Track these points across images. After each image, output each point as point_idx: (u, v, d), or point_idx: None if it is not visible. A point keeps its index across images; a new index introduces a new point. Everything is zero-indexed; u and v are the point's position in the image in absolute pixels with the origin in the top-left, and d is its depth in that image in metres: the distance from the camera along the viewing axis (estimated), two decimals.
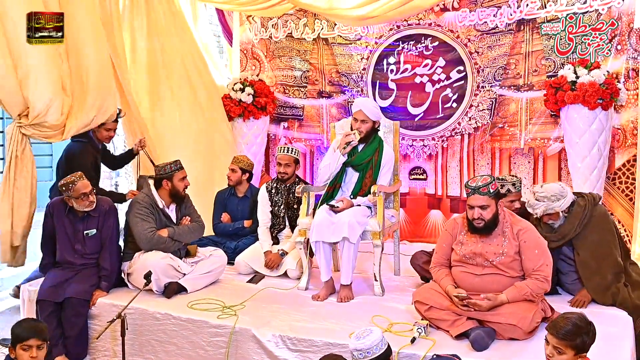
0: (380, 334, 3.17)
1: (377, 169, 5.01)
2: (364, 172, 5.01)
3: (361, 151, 5.03)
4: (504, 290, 3.90)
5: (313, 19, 7.15)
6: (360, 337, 3.12)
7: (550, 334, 3.02)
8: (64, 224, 4.82)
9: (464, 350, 3.70)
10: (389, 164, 5.08)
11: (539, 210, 4.47)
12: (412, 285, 5.03)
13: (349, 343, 3.15)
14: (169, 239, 4.96)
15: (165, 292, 4.81)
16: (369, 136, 5.02)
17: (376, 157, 5.01)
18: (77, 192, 4.67)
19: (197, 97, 7.08)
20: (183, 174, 5.06)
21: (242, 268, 5.53)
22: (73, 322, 4.60)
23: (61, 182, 4.72)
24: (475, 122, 6.54)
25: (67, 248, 4.82)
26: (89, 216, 4.84)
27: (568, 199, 4.46)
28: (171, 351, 4.46)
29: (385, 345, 3.14)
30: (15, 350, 3.38)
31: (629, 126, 5.70)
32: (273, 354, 4.08)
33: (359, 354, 3.09)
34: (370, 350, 3.07)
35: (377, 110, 5.10)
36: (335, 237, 4.75)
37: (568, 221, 4.51)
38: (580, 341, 2.97)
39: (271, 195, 5.72)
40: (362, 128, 4.98)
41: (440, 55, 6.61)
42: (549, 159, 6.18)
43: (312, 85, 7.33)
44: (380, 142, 5.07)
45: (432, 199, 6.88)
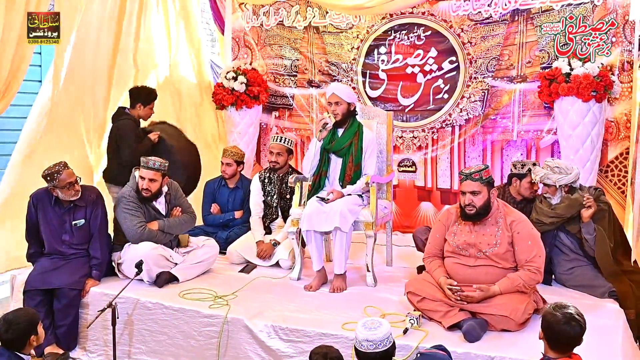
0: (389, 326, 3.10)
1: (359, 154, 4.96)
2: (346, 157, 4.97)
3: (341, 136, 5.00)
4: (497, 282, 3.90)
5: (305, 7, 7.11)
6: (370, 328, 3.03)
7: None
8: (50, 215, 4.76)
9: (457, 341, 3.70)
10: (371, 147, 5.02)
11: (538, 175, 4.67)
12: (404, 276, 5.04)
13: (357, 332, 3.06)
14: (160, 232, 4.93)
15: (157, 282, 4.78)
16: (345, 119, 4.99)
17: (356, 140, 4.96)
18: (62, 182, 4.62)
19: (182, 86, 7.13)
20: (147, 175, 4.90)
21: (234, 258, 5.51)
22: (65, 312, 4.57)
23: (45, 172, 4.63)
24: (467, 114, 6.51)
25: (54, 239, 4.77)
26: (75, 206, 4.79)
27: (568, 179, 4.59)
28: (162, 341, 4.44)
29: (392, 340, 3.08)
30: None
31: (623, 119, 5.71)
32: (265, 344, 4.07)
33: (369, 345, 3.00)
34: (381, 342, 2.99)
35: (351, 92, 5.07)
36: (327, 227, 4.73)
37: (567, 204, 4.60)
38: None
39: (264, 185, 5.70)
40: (338, 110, 4.94)
41: (433, 46, 6.58)
42: (542, 151, 6.17)
43: (302, 74, 7.29)
44: (359, 126, 5.02)
45: (422, 191, 6.85)
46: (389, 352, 3.04)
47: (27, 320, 3.37)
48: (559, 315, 2.96)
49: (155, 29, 6.95)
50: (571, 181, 4.63)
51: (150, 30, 6.90)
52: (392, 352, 3.07)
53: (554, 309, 3.00)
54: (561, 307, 3.01)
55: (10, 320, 3.34)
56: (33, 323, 3.37)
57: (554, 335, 2.97)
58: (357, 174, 4.95)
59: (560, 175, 4.60)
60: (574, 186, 4.69)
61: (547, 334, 3.01)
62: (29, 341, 3.33)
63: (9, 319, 3.35)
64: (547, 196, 4.74)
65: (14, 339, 3.30)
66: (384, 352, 3.01)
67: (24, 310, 3.58)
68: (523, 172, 4.97)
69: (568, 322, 2.93)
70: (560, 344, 2.98)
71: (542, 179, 4.68)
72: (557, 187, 4.65)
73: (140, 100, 5.96)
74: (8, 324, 3.31)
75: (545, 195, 4.78)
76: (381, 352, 3.01)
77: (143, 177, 4.90)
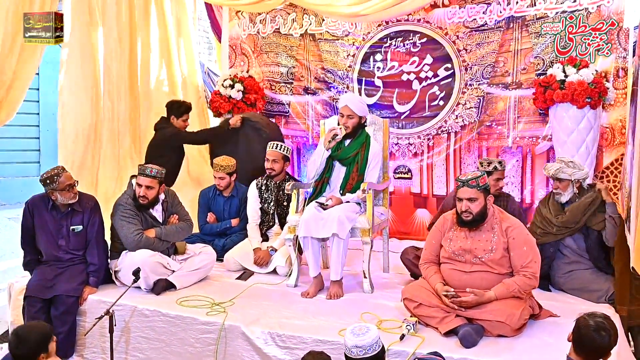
0: (377, 331, 3.16)
1: (364, 164, 5.01)
2: (351, 166, 5.02)
3: (348, 146, 5.05)
4: (492, 287, 3.92)
5: (302, 14, 7.14)
6: (358, 334, 3.09)
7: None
8: (47, 220, 4.77)
9: (453, 347, 3.71)
10: (376, 159, 5.08)
11: (552, 169, 4.73)
12: (401, 283, 5.03)
13: (346, 339, 3.11)
14: (157, 239, 4.94)
15: (154, 289, 4.78)
16: (355, 131, 5.04)
17: (363, 151, 5.02)
18: (62, 184, 4.64)
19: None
20: (144, 182, 4.91)
21: (231, 265, 5.52)
22: (63, 320, 4.57)
23: (44, 176, 4.67)
24: (463, 121, 6.53)
25: (50, 244, 4.77)
26: (73, 211, 4.81)
27: (581, 174, 4.67)
28: (160, 348, 4.44)
29: (381, 344, 3.14)
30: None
31: (617, 125, 5.73)
32: (262, 351, 4.07)
33: (359, 351, 3.05)
34: (370, 347, 3.05)
35: (364, 106, 5.11)
36: (325, 233, 4.75)
37: (577, 207, 4.64)
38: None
39: (261, 192, 5.71)
40: (349, 123, 4.99)
41: (428, 53, 6.61)
42: (537, 157, 6.19)
43: (297, 81, 7.32)
44: (367, 137, 5.08)
45: (418, 198, 6.86)
46: (378, 356, 3.09)
47: (38, 336, 3.37)
48: (591, 322, 3.01)
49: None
50: (583, 177, 4.69)
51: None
52: (382, 356, 3.12)
53: (589, 315, 3.06)
54: (596, 315, 3.06)
55: (21, 336, 3.36)
56: (44, 340, 3.37)
57: (582, 339, 3.02)
58: (359, 183, 4.99)
59: (575, 169, 4.66)
60: (584, 185, 4.74)
61: (576, 337, 3.05)
62: (39, 358, 3.33)
63: (19, 334, 3.37)
64: (558, 192, 4.76)
65: (23, 355, 3.30)
66: (374, 357, 3.06)
67: (36, 326, 3.55)
68: (489, 170, 4.98)
69: (597, 331, 2.98)
70: (585, 349, 3.02)
71: (556, 172, 4.71)
72: (571, 181, 4.69)
73: (172, 112, 6.45)
74: (18, 340, 3.33)
75: (555, 192, 4.80)
76: (371, 357, 3.06)
77: (140, 185, 4.91)
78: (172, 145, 6.38)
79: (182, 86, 7.30)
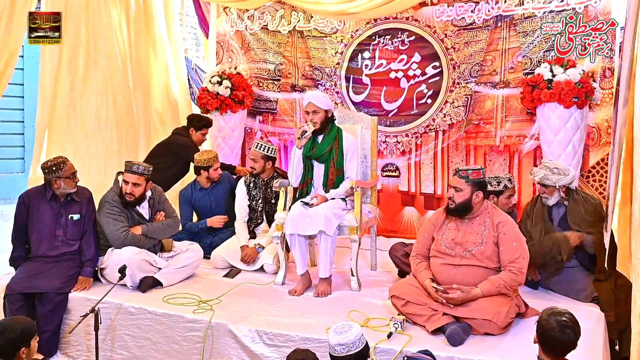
0: (360, 328, 3.17)
1: (340, 158, 5.00)
2: (328, 163, 5.02)
3: (321, 143, 5.04)
4: (479, 284, 3.93)
5: (290, 11, 7.12)
6: (341, 332, 3.10)
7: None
8: (44, 211, 4.77)
9: (440, 345, 3.71)
10: (351, 151, 5.06)
11: (537, 176, 4.76)
12: (388, 281, 5.05)
13: (329, 338, 3.12)
14: (143, 236, 4.92)
15: (140, 286, 4.76)
16: (324, 126, 5.03)
17: (336, 145, 5.01)
18: (67, 172, 4.70)
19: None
20: (131, 179, 4.90)
21: (218, 262, 5.50)
22: (49, 317, 4.53)
23: (48, 163, 4.69)
24: (450, 119, 6.54)
25: (45, 236, 4.75)
26: (72, 200, 4.83)
27: (566, 180, 4.68)
28: (145, 346, 4.42)
29: (365, 341, 3.14)
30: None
31: (604, 125, 5.76)
32: (249, 349, 4.06)
33: (342, 349, 3.06)
34: (353, 344, 3.06)
35: (327, 100, 5.10)
36: (311, 230, 4.74)
37: (570, 214, 4.72)
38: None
39: (249, 190, 5.70)
40: (316, 118, 4.99)
41: (416, 51, 6.62)
42: (524, 156, 6.21)
43: (285, 78, 7.30)
44: (339, 131, 5.07)
45: (406, 196, 6.87)
46: (362, 353, 3.10)
47: (21, 330, 3.31)
48: (553, 323, 2.98)
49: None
50: (569, 182, 4.71)
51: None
52: (366, 353, 3.13)
53: (549, 316, 3.03)
54: (556, 314, 3.03)
55: (5, 326, 3.31)
56: (26, 335, 3.32)
57: (549, 341, 3.01)
58: (340, 178, 4.99)
59: (560, 175, 4.68)
60: (571, 187, 4.76)
61: (542, 340, 3.04)
62: (19, 353, 3.28)
63: (3, 324, 3.33)
64: (545, 196, 4.79)
65: (3, 347, 3.26)
66: (358, 354, 3.08)
67: (22, 320, 3.50)
68: (499, 189, 4.98)
69: (562, 330, 2.96)
70: (554, 350, 3.02)
71: (541, 179, 4.73)
72: (556, 187, 4.71)
73: (192, 124, 6.52)
74: (2, 330, 3.28)
75: (542, 196, 4.83)
76: (355, 354, 3.07)
77: (127, 182, 4.88)
78: (176, 153, 6.35)
79: (168, 82, 7.25)
